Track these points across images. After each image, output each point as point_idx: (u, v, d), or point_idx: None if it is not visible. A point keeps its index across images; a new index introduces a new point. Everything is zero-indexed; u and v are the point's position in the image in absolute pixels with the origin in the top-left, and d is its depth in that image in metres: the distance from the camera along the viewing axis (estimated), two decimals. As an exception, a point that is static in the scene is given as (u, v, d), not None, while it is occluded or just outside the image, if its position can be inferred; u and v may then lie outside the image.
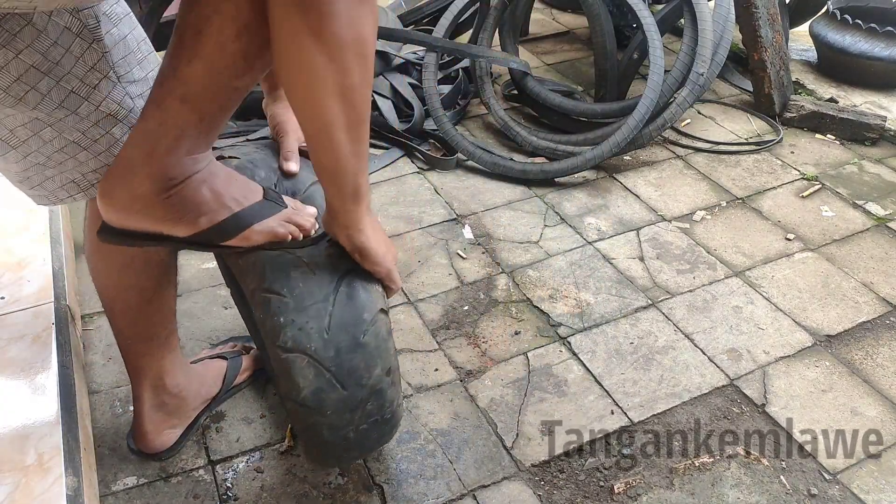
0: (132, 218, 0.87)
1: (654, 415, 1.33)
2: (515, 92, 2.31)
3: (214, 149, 0.96)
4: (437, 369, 1.41)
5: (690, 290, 1.63)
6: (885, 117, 2.22)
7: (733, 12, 2.05)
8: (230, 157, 1.03)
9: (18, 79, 0.79)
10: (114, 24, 0.85)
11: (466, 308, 1.56)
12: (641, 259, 1.72)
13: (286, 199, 0.98)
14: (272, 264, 0.93)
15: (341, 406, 0.92)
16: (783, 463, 1.25)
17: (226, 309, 1.52)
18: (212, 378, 1.28)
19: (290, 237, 0.94)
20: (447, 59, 2.34)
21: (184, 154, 0.84)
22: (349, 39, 0.71)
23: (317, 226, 0.98)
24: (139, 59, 0.89)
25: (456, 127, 2.13)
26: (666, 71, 1.98)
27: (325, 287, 0.92)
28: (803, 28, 2.67)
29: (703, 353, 1.46)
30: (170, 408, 1.19)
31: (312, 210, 0.99)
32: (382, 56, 2.25)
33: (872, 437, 1.30)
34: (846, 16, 2.37)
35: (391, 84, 2.22)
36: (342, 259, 0.95)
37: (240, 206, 0.90)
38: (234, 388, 1.32)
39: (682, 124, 2.27)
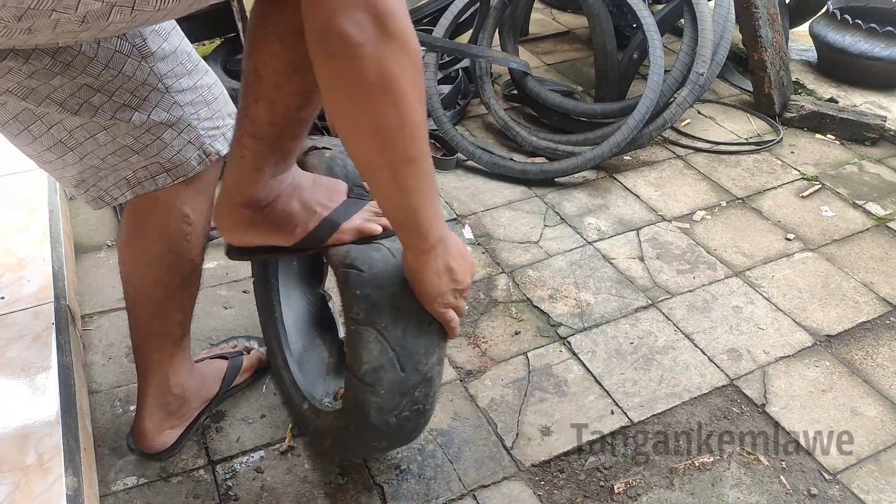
0: (243, 238, 1.00)
1: (654, 415, 1.33)
2: (515, 92, 2.31)
3: (310, 137, 1.06)
4: (437, 369, 1.41)
5: (690, 290, 1.63)
6: (885, 117, 2.22)
7: (733, 12, 2.05)
8: (323, 148, 1.11)
9: (73, 94, 0.86)
10: (163, 39, 0.91)
11: (467, 308, 1.56)
12: (641, 259, 1.72)
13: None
14: (357, 245, 0.99)
15: (395, 388, 0.95)
16: (783, 463, 1.25)
17: (226, 309, 1.52)
18: (212, 378, 1.28)
19: (378, 230, 0.99)
20: (447, 59, 2.34)
21: (268, 178, 0.94)
22: (376, 82, 0.70)
23: None
24: (188, 69, 0.95)
25: (456, 127, 2.13)
26: (666, 71, 1.98)
27: (401, 272, 0.94)
28: (803, 28, 2.67)
29: (703, 353, 1.46)
30: (172, 407, 1.19)
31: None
32: (382, 56, 2.25)
33: (872, 437, 1.30)
34: (846, 16, 2.37)
35: (391, 84, 2.22)
36: None
37: (327, 209, 0.99)
38: (234, 388, 1.32)
39: (682, 124, 2.27)
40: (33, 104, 0.86)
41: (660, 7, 2.44)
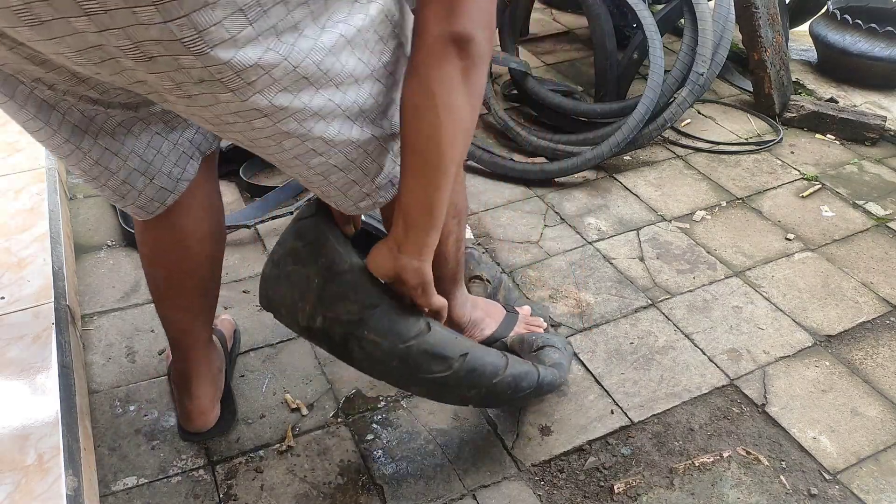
0: None
1: (654, 415, 1.33)
2: (515, 92, 2.31)
3: (475, 279, 1.54)
4: (437, 369, 1.41)
5: (690, 290, 1.63)
6: (885, 117, 2.22)
7: (733, 12, 2.05)
8: (484, 280, 1.53)
9: None
10: None
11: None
12: (641, 259, 1.72)
13: (521, 310, 1.46)
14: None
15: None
16: (783, 463, 1.25)
17: (225, 308, 1.52)
18: (229, 334, 1.38)
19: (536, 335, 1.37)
20: (447, 59, 2.34)
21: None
22: (482, 88, 0.82)
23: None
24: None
25: (456, 127, 2.13)
26: (666, 71, 1.98)
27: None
28: (803, 28, 2.67)
29: (703, 353, 1.46)
30: (217, 380, 1.25)
31: (539, 320, 1.45)
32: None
33: (872, 438, 1.30)
34: (846, 16, 2.37)
35: (391, 84, 2.22)
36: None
37: (497, 322, 1.41)
38: (236, 345, 1.42)
39: (682, 124, 2.27)
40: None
41: (660, 7, 2.44)
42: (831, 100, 2.39)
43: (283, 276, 1.00)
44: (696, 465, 1.24)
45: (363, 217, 1.07)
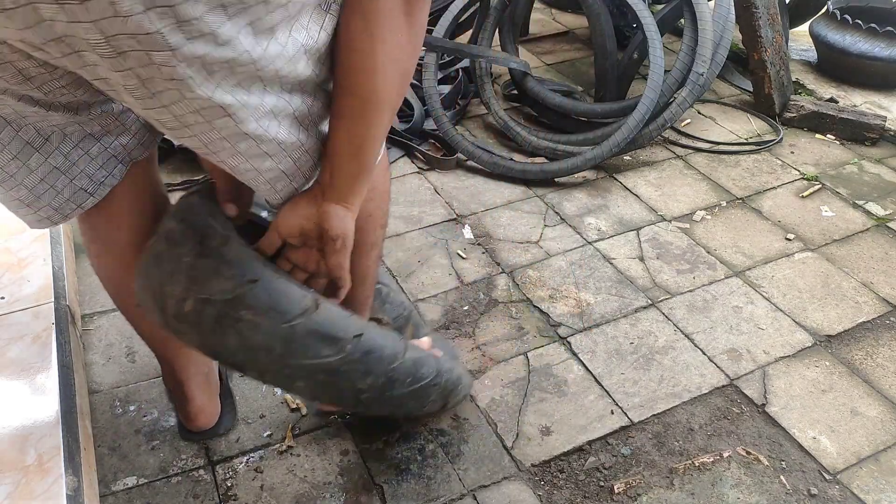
0: None
1: (654, 415, 1.33)
2: (515, 92, 2.31)
3: (373, 320, 1.22)
4: (437, 369, 1.41)
5: (690, 290, 1.63)
6: (885, 117, 2.22)
7: (733, 12, 2.05)
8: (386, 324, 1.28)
9: None
10: None
11: (466, 308, 1.56)
12: (641, 259, 1.72)
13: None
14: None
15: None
16: (783, 463, 1.25)
17: (226, 309, 1.52)
18: None
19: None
20: (447, 59, 2.34)
21: None
22: (423, 28, 0.79)
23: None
24: None
25: (456, 127, 2.13)
26: (666, 71, 1.98)
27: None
28: (803, 28, 2.67)
29: (703, 353, 1.46)
30: (209, 376, 1.23)
31: (437, 351, 1.23)
32: (382, 56, 2.25)
33: (872, 438, 1.30)
34: (846, 16, 2.37)
35: (391, 84, 2.22)
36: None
37: None
38: None
39: (682, 124, 2.27)
40: None
41: (660, 7, 2.44)
42: (831, 100, 2.39)
43: (154, 260, 0.88)
44: (696, 465, 1.24)
45: (253, 208, 1.00)
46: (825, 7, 2.52)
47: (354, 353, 0.90)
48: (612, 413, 1.33)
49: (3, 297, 1.28)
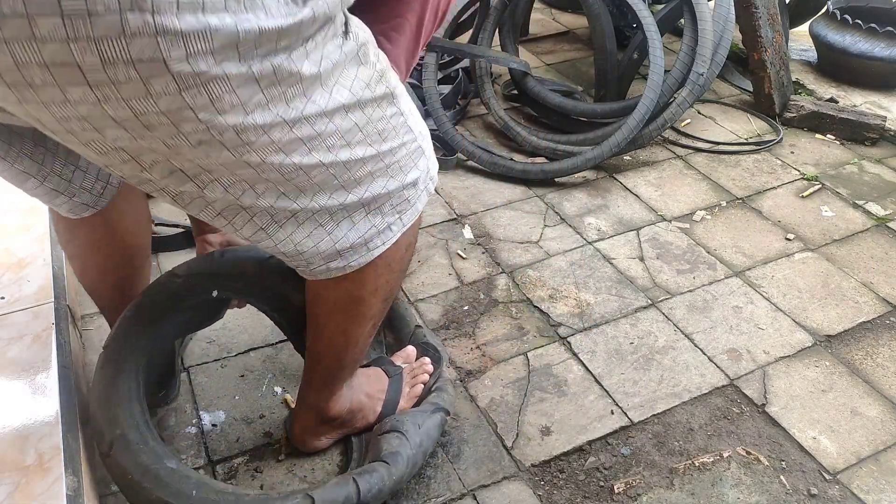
0: (319, 445, 1.21)
1: (654, 415, 1.33)
2: (515, 92, 2.31)
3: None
4: (437, 369, 1.41)
5: (690, 290, 1.63)
6: (885, 117, 2.22)
7: (733, 12, 2.05)
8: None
9: None
10: None
11: (466, 308, 1.56)
12: (641, 259, 1.72)
13: (395, 360, 1.29)
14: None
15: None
16: (783, 463, 1.25)
17: (226, 309, 1.52)
18: None
19: (420, 390, 1.25)
20: (447, 59, 2.34)
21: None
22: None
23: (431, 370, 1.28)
24: None
25: (456, 127, 2.13)
26: (666, 71, 1.98)
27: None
28: (803, 28, 2.67)
29: (703, 353, 1.46)
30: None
31: (426, 361, 1.28)
32: (382, 56, 2.25)
33: (872, 438, 1.30)
34: (846, 16, 2.37)
35: (391, 84, 2.22)
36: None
37: (383, 393, 1.21)
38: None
39: (682, 124, 2.27)
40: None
41: (660, 7, 2.44)
42: (831, 100, 2.39)
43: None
44: (696, 465, 1.24)
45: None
46: (825, 7, 2.52)
47: None
48: (612, 413, 1.33)
49: (3, 297, 1.28)
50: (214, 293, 1.16)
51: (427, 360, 1.29)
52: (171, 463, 0.99)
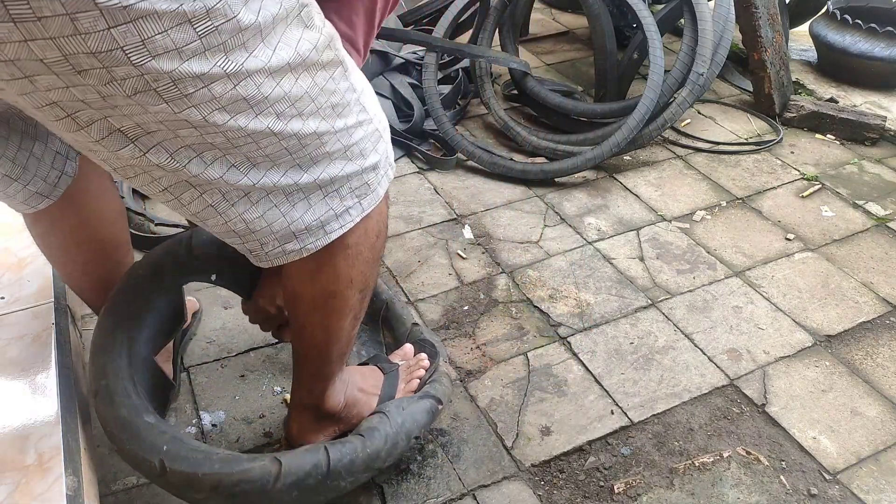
0: (315, 439, 1.14)
1: (654, 415, 1.33)
2: (515, 92, 2.31)
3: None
4: (437, 369, 1.41)
5: (690, 290, 1.63)
6: (885, 117, 2.22)
7: (733, 12, 2.05)
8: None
9: None
10: None
11: (466, 308, 1.56)
12: (641, 259, 1.72)
13: (393, 358, 1.28)
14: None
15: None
16: (783, 463, 1.25)
17: (225, 309, 1.52)
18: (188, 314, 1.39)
19: (416, 385, 1.23)
20: (447, 59, 2.34)
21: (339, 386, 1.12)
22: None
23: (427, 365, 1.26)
24: None
25: (456, 127, 2.13)
26: (666, 71, 1.98)
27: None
28: (803, 28, 2.67)
29: (703, 353, 1.46)
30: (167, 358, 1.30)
31: (422, 356, 1.27)
32: (382, 56, 2.26)
33: (872, 438, 1.30)
34: (846, 16, 2.37)
35: (391, 84, 2.22)
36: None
37: (378, 390, 1.20)
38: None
39: (682, 124, 2.27)
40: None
41: (660, 7, 2.44)
42: (831, 100, 2.39)
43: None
44: (696, 465, 1.24)
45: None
46: (825, 7, 2.52)
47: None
48: (612, 413, 1.33)
49: (3, 297, 1.28)
50: (213, 277, 1.20)
51: (423, 355, 1.28)
52: (150, 417, 1.00)
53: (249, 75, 0.68)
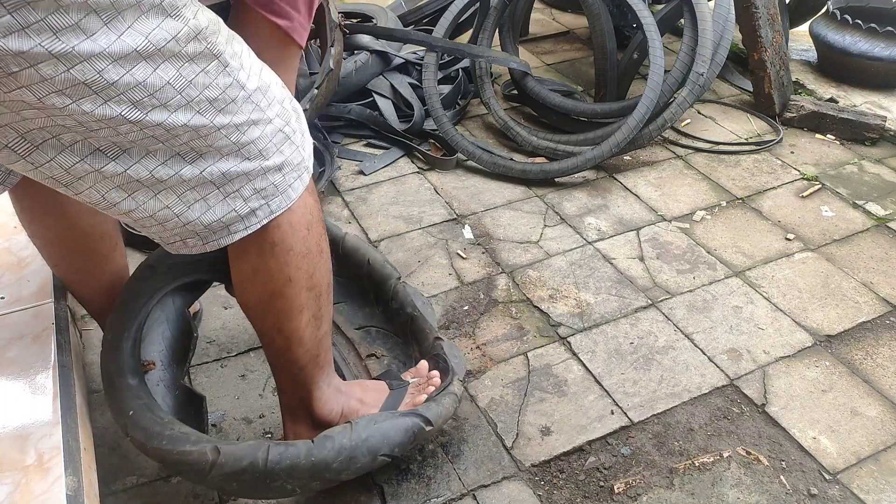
0: None
1: (654, 415, 1.33)
2: (515, 92, 2.31)
3: (370, 356, 1.33)
4: (437, 369, 1.41)
5: (690, 290, 1.63)
6: (885, 117, 2.22)
7: (733, 12, 2.05)
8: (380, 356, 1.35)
9: None
10: None
11: (466, 308, 1.56)
12: (641, 259, 1.72)
13: (408, 374, 1.25)
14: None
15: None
16: (783, 463, 1.25)
17: (226, 309, 1.52)
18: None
19: (423, 399, 1.18)
20: (447, 59, 2.34)
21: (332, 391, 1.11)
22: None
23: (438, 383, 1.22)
24: None
25: (456, 127, 2.13)
26: (666, 71, 1.98)
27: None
28: (803, 28, 2.67)
29: (703, 353, 1.46)
30: None
31: (434, 374, 1.23)
32: (382, 56, 2.26)
33: (872, 438, 1.30)
34: (846, 16, 2.37)
35: (391, 84, 2.22)
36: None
37: (380, 403, 1.18)
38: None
39: (682, 124, 2.27)
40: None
41: (660, 7, 2.44)
42: (831, 100, 2.39)
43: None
44: (696, 465, 1.24)
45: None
46: (825, 7, 2.52)
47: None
48: (612, 413, 1.33)
49: (2, 297, 1.28)
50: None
51: (436, 373, 1.24)
52: (133, 379, 1.05)
53: (86, 59, 0.65)
